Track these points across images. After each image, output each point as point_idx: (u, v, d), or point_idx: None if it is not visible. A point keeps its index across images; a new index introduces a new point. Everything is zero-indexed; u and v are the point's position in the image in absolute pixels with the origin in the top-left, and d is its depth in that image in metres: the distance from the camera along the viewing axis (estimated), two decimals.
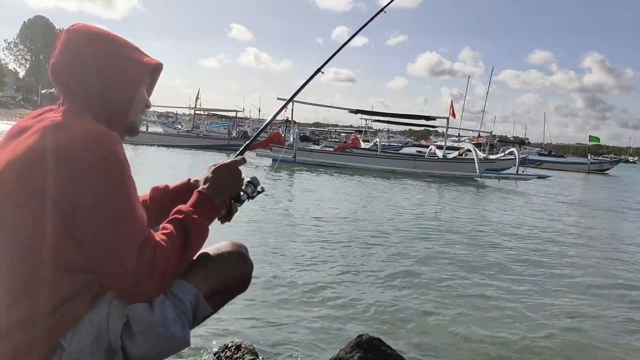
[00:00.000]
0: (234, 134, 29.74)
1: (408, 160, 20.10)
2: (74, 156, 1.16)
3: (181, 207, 1.37)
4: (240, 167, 1.53)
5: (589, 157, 37.07)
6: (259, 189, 1.58)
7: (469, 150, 19.97)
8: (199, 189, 1.44)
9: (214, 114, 39.90)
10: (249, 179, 1.56)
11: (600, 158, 45.59)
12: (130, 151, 18.74)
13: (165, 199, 1.64)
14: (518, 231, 7.53)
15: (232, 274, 1.50)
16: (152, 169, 14.18)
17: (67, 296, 1.22)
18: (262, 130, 2.47)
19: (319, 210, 8.00)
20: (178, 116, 55.41)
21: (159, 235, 1.27)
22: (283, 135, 22.26)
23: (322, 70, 2.39)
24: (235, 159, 1.55)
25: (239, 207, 1.57)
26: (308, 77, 2.34)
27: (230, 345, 2.44)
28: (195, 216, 1.34)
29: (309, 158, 19.00)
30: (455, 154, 20.89)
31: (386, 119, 24.86)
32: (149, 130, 31.05)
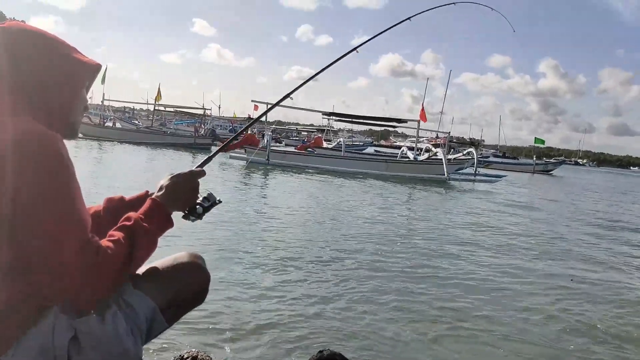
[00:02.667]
0: (201, 132, 29.18)
1: (380, 162, 20.32)
2: (14, 155, 1.11)
3: (131, 214, 1.32)
4: (199, 180, 1.48)
5: (534, 159, 42.22)
6: (216, 200, 1.52)
7: (437, 152, 20.46)
8: (153, 196, 1.40)
9: (179, 111, 39.01)
10: (205, 195, 1.50)
11: (545, 160, 50.71)
12: (95, 149, 18.60)
13: (119, 210, 1.55)
14: (483, 234, 7.64)
15: (189, 286, 1.48)
16: (123, 169, 13.61)
17: (8, 308, 1.17)
18: (236, 136, 2.37)
19: (286, 214, 7.84)
20: (135, 112, 53.99)
21: (104, 242, 1.22)
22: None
23: (290, 96, 2.33)
24: (195, 170, 1.50)
25: (192, 221, 1.50)
26: (279, 99, 2.30)
27: (186, 356, 2.32)
28: (144, 224, 1.29)
29: (282, 160, 18.94)
30: (425, 155, 21.29)
31: (358, 121, 24.96)
32: (116, 125, 30.23)
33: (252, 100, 26.27)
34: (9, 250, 1.14)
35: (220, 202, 1.54)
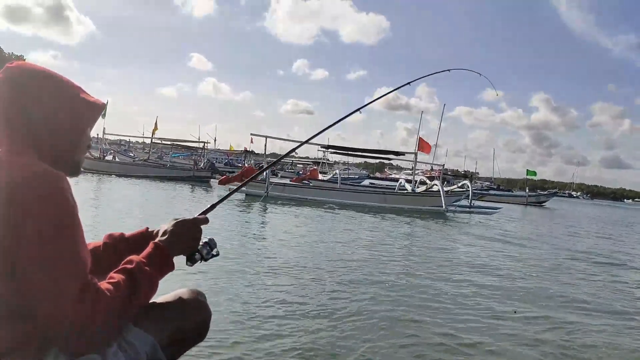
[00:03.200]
0: (200, 165, 29.20)
1: (378, 195, 20.40)
2: (18, 194, 1.11)
3: (133, 257, 1.32)
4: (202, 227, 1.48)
5: (527, 191, 43.13)
6: (214, 252, 1.51)
7: (435, 184, 20.58)
8: (156, 240, 1.39)
9: (177, 144, 39.16)
10: (206, 240, 1.50)
11: (539, 192, 52.22)
12: (95, 182, 18.54)
13: (120, 246, 1.57)
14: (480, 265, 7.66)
15: (191, 322, 1.47)
16: (124, 203, 13.55)
17: (8, 348, 1.15)
18: (251, 179, 2.37)
19: (286, 247, 7.77)
20: (130, 144, 54.17)
21: (104, 284, 1.21)
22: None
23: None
24: (198, 217, 1.50)
25: (190, 266, 1.49)
26: (294, 147, 2.57)
27: None
28: (146, 268, 1.29)
29: (281, 192, 18.95)
30: (423, 188, 21.39)
31: (356, 153, 25.11)
32: (116, 159, 30.27)
33: (252, 134, 26.46)
34: (10, 289, 1.13)
35: (218, 254, 1.53)
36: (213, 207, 1.70)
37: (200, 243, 1.48)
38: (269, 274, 5.50)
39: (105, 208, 11.27)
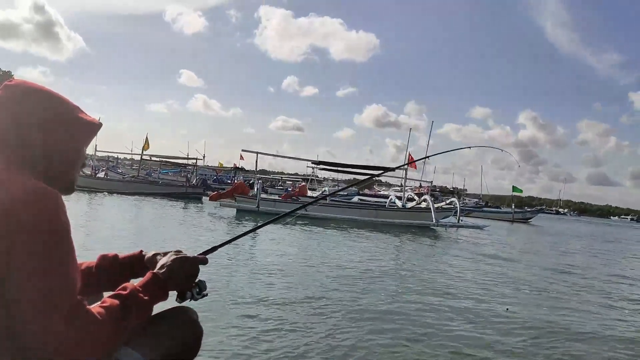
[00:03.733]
0: (193, 182, 29.09)
1: (370, 210, 20.57)
2: (14, 210, 1.10)
3: (128, 284, 1.32)
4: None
5: (513, 208, 43.87)
6: (204, 292, 1.50)
7: (424, 200, 20.78)
8: (154, 271, 1.39)
9: (167, 161, 38.95)
10: (196, 281, 1.49)
11: (526, 209, 53.27)
12: (86, 199, 18.38)
13: (113, 268, 1.55)
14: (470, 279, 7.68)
15: (183, 341, 1.44)
16: (117, 220, 13.43)
17: None
18: (303, 206, 2.18)
19: (277, 262, 7.77)
20: (119, 161, 53.80)
21: (95, 308, 1.20)
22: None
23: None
24: (199, 257, 1.49)
25: (178, 302, 1.49)
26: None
27: None
28: (140, 295, 1.29)
29: (272, 208, 18.98)
30: (413, 203, 21.56)
31: (346, 170, 25.23)
32: (108, 177, 30.07)
33: (243, 150, 26.49)
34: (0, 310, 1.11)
35: (206, 295, 1.52)
36: (214, 249, 1.70)
37: (194, 283, 1.47)
38: (257, 290, 5.49)
39: (98, 226, 11.20)
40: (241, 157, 41.35)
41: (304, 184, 35.28)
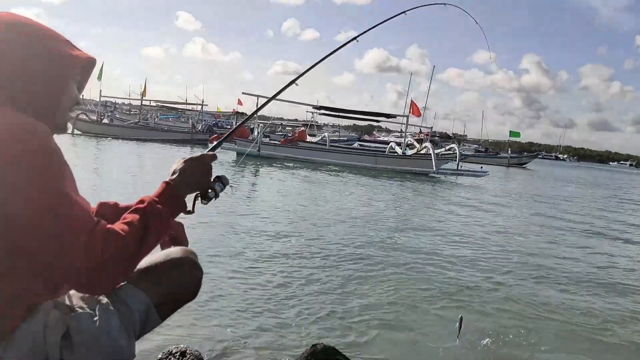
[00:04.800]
0: (198, 128, 28.96)
1: (369, 156, 20.53)
2: (4, 146, 1.07)
3: (145, 197, 1.30)
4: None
5: (509, 152, 44.63)
6: (228, 185, 1.51)
7: (425, 147, 20.68)
8: (167, 180, 1.36)
9: (168, 107, 38.46)
10: (218, 175, 1.49)
11: (525, 154, 53.51)
12: (93, 145, 18.35)
13: (112, 216, 1.48)
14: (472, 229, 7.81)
15: (182, 281, 1.46)
16: (125, 166, 13.40)
17: None
18: (238, 127, 2.24)
19: (276, 208, 7.84)
20: (117, 106, 53.18)
21: (118, 225, 1.20)
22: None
23: (296, 82, 2.26)
24: (207, 153, 1.49)
25: (205, 204, 1.49)
26: (281, 88, 2.21)
27: (174, 351, 2.30)
28: (158, 206, 1.27)
29: (273, 152, 19.05)
30: (414, 150, 21.50)
31: (347, 115, 25.00)
32: (114, 123, 29.87)
33: (243, 93, 26.12)
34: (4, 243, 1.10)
35: (232, 186, 1.55)
36: (219, 144, 1.77)
37: (213, 181, 1.47)
38: (257, 234, 5.54)
39: (106, 171, 11.14)
40: (239, 102, 40.75)
41: (303, 129, 35.07)
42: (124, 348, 1.28)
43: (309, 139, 26.47)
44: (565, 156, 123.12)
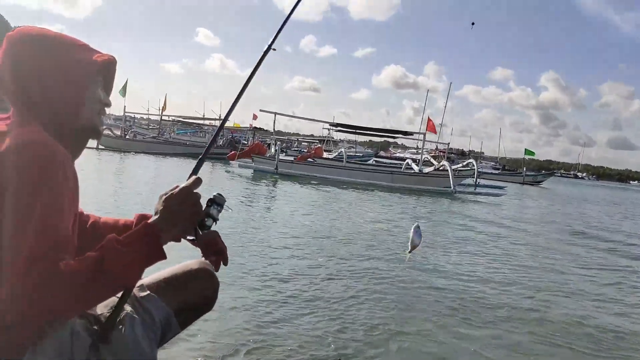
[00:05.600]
0: (220, 142, 29.22)
1: (386, 174, 20.49)
2: (5, 160, 1.08)
3: (111, 235, 1.17)
4: (197, 190, 1.29)
5: (524, 170, 45.02)
6: (224, 205, 1.36)
7: (442, 166, 20.59)
8: (147, 220, 1.24)
9: (188, 122, 39.01)
10: (212, 196, 1.33)
11: (543, 172, 54.52)
12: (117, 159, 18.66)
13: (105, 231, 1.49)
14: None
15: (200, 292, 1.51)
16: (147, 180, 13.64)
17: None
18: (211, 143, 1.84)
19: (293, 224, 7.83)
20: (135, 121, 53.99)
21: (73, 261, 1.09)
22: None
23: (272, 47, 1.89)
24: (186, 184, 1.27)
25: (207, 232, 1.35)
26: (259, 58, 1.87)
27: None
28: (118, 247, 1.12)
29: (290, 170, 19.07)
30: (431, 168, 21.42)
31: (363, 132, 25.10)
32: (137, 138, 30.44)
33: (261, 110, 26.44)
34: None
35: (230, 209, 1.40)
36: (200, 163, 1.49)
37: (207, 205, 1.32)
38: (273, 249, 5.56)
39: (124, 185, 11.28)
40: (254, 117, 41.07)
41: (319, 146, 35.24)
42: (147, 355, 1.30)
43: (324, 155, 26.60)
44: (584, 174, 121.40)
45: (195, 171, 1.43)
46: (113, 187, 10.35)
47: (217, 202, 1.33)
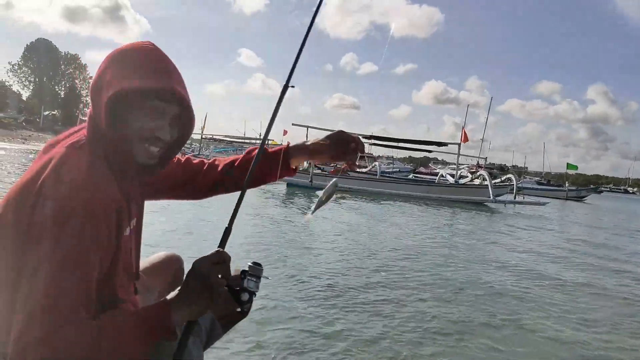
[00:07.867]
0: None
1: (422, 186, 20.44)
2: (42, 204, 1.03)
3: (125, 305, 1.16)
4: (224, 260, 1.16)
5: (567, 185, 43.11)
6: (261, 276, 1.20)
7: (479, 177, 20.29)
8: (166, 297, 1.14)
9: (231, 141, 39.86)
10: (244, 270, 1.19)
11: (590, 187, 52.00)
12: None
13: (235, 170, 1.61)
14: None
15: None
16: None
17: None
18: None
19: (327, 237, 7.76)
20: None
21: (80, 325, 1.01)
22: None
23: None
24: (211, 255, 1.16)
25: (247, 309, 1.23)
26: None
27: None
28: (120, 324, 1.05)
29: (324, 183, 19.12)
30: (467, 179, 21.13)
31: (397, 145, 24.91)
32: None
33: (293, 124, 26.70)
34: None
35: (267, 277, 1.22)
36: (227, 231, 1.31)
37: (241, 276, 1.19)
38: (312, 260, 5.58)
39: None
40: (284, 133, 41.43)
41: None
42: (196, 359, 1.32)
43: (358, 170, 26.47)
44: (635, 189, 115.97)
45: (223, 241, 1.27)
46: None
47: (253, 272, 1.17)
